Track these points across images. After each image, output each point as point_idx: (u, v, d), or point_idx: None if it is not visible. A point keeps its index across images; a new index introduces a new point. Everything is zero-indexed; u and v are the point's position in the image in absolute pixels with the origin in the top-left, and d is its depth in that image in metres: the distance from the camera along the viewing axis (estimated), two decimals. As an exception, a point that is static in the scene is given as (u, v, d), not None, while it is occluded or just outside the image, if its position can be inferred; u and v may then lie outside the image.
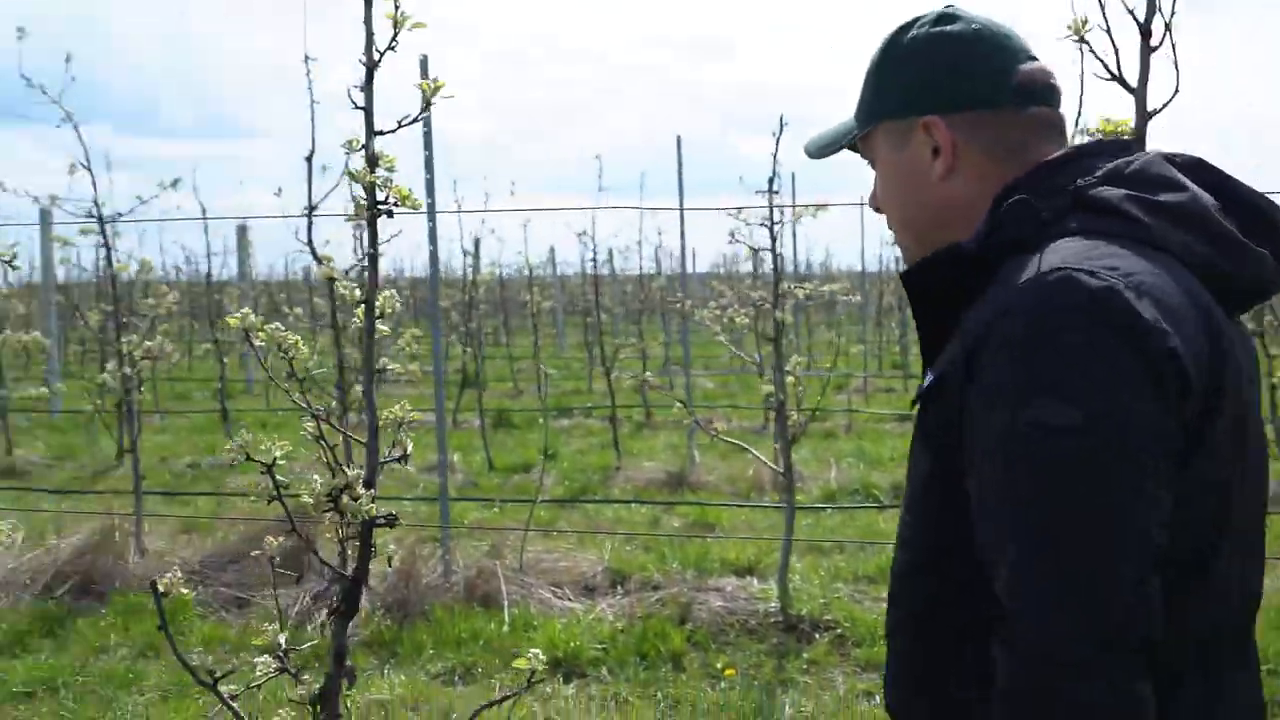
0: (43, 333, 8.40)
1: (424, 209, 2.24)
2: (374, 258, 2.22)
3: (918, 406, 1.44)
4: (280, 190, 6.99)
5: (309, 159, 5.98)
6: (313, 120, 5.94)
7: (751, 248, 6.13)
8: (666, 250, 19.26)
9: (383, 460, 2.28)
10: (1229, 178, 1.43)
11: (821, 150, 1.70)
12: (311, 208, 6.06)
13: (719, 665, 5.21)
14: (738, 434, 9.92)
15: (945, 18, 1.53)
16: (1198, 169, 1.43)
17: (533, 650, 2.38)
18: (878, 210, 1.64)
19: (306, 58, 5.29)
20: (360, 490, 2.15)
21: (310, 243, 6.16)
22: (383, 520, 2.25)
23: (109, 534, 6.61)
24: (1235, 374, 1.32)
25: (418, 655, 5.37)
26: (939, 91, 1.50)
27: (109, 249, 6.67)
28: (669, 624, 5.57)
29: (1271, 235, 1.39)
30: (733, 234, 6.01)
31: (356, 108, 2.12)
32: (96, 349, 15.37)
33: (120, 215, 6.37)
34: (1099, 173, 1.41)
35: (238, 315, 2.45)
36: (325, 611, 5.67)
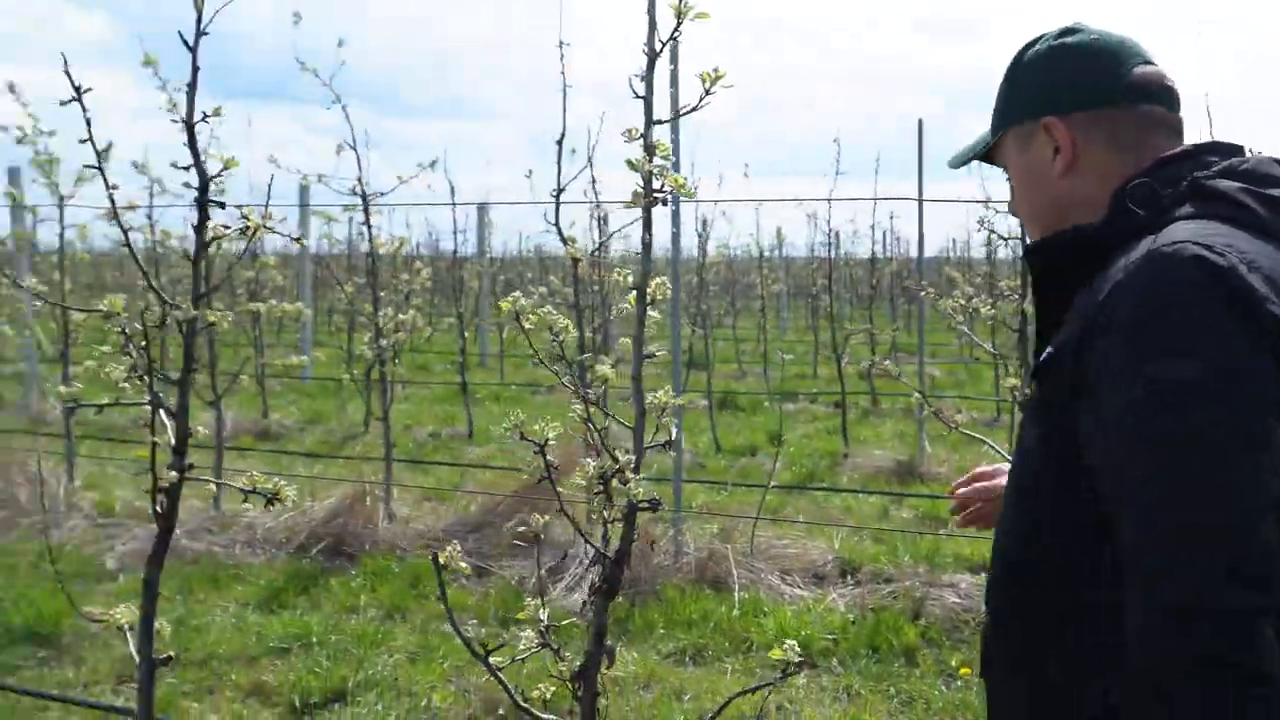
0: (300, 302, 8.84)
1: (694, 196, 2.24)
2: (648, 245, 2.24)
3: (1034, 382, 1.50)
4: (531, 172, 7.12)
5: (560, 142, 6.10)
6: (564, 105, 6.05)
7: (1001, 236, 5.94)
8: (896, 234, 18.93)
9: (647, 445, 2.30)
10: None
11: (960, 160, 1.82)
12: (560, 190, 6.18)
13: (953, 663, 5.09)
14: (968, 426, 9.67)
15: (1067, 31, 1.65)
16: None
17: (788, 642, 2.35)
18: (1014, 214, 1.74)
19: (561, 43, 5.38)
20: (630, 475, 2.17)
21: (558, 225, 6.29)
22: (646, 505, 2.27)
23: (359, 498, 6.93)
24: None
25: (649, 634, 5.43)
26: (1058, 95, 1.61)
27: (369, 225, 6.98)
28: (901, 618, 5.47)
29: None
30: (982, 221, 5.85)
31: (637, 97, 2.14)
32: (344, 319, 16.15)
33: (382, 194, 6.64)
34: (1215, 168, 1.49)
35: (509, 299, 2.51)
36: (561, 586, 5.82)
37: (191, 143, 2.89)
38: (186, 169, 2.96)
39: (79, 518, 7.21)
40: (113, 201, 2.99)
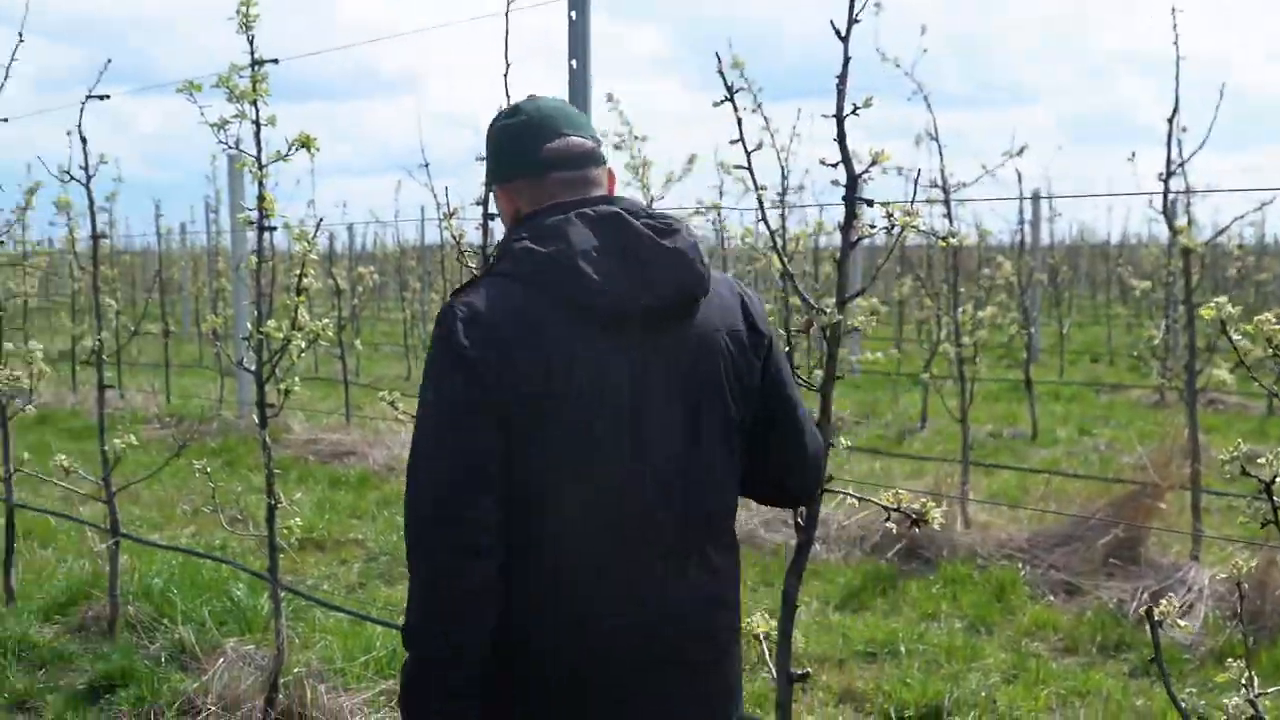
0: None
1: None
2: None
3: None
4: (1134, 155, 6.53)
5: (1171, 119, 5.55)
6: (1176, 79, 5.51)
7: None
8: None
9: None
10: (627, 228, 1.98)
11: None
12: (1169, 174, 5.62)
13: None
14: None
15: (511, 112, 2.18)
16: (607, 222, 1.99)
17: None
18: None
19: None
20: None
21: (1165, 211, 5.75)
22: None
23: (933, 499, 6.69)
24: (551, 357, 1.93)
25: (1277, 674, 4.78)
26: (498, 170, 2.17)
27: (949, 219, 6.74)
28: None
29: (642, 271, 1.96)
30: None
31: None
32: (890, 312, 16.05)
33: (964, 184, 6.39)
34: (524, 227, 2.04)
35: (1211, 305, 2.18)
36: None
37: (840, 138, 2.78)
38: (834, 165, 2.85)
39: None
40: (760, 202, 2.94)
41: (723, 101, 2.82)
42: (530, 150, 2.10)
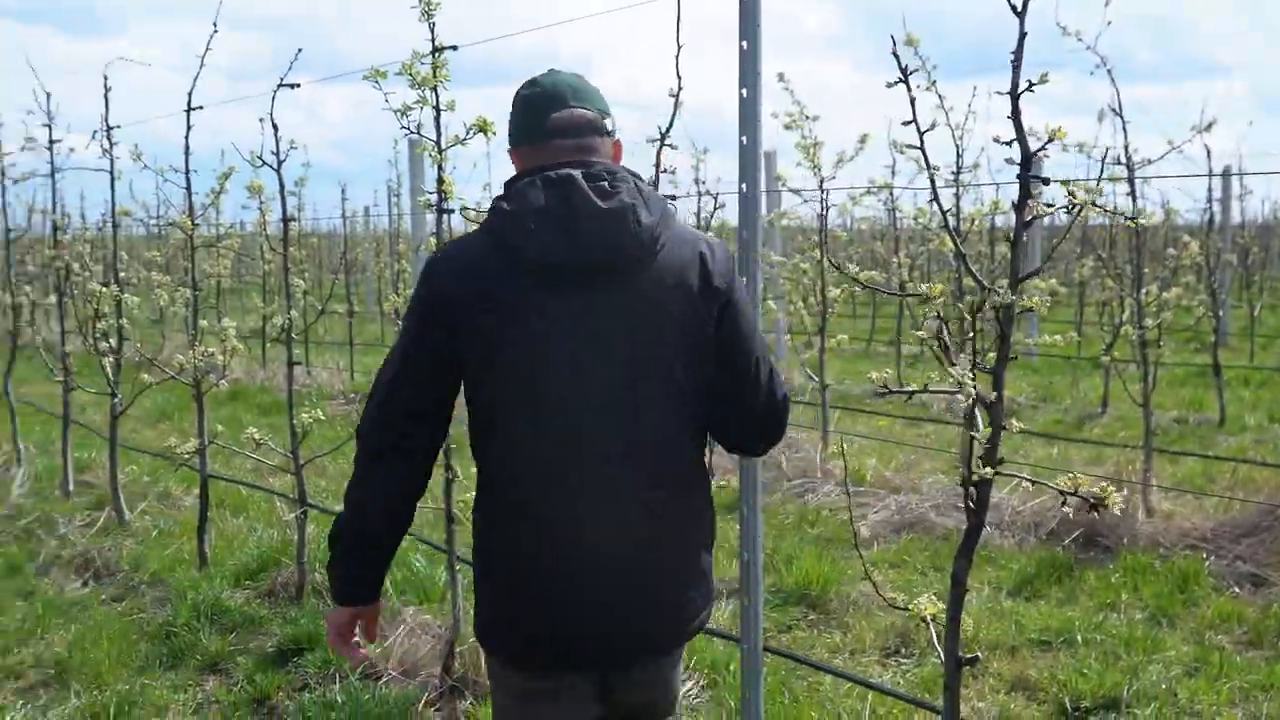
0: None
1: None
2: None
3: None
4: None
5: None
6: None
7: None
8: None
9: None
10: (573, 187, 2.23)
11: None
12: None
13: None
14: None
15: (529, 84, 2.43)
16: (560, 184, 2.24)
17: None
18: None
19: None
20: None
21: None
22: None
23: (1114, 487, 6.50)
24: (497, 303, 2.24)
25: None
26: (513, 134, 2.43)
27: (1134, 197, 6.49)
28: None
29: (571, 228, 2.21)
30: None
31: None
32: (1071, 294, 15.56)
33: (1149, 160, 6.13)
34: (507, 188, 2.34)
35: None
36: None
37: (1015, 115, 2.72)
38: (1009, 144, 2.80)
39: (832, 484, 7.50)
40: (933, 182, 2.91)
41: (896, 83, 2.80)
42: (538, 119, 2.36)
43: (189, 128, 6.11)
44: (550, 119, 2.34)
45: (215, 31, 5.82)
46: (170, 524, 7.02)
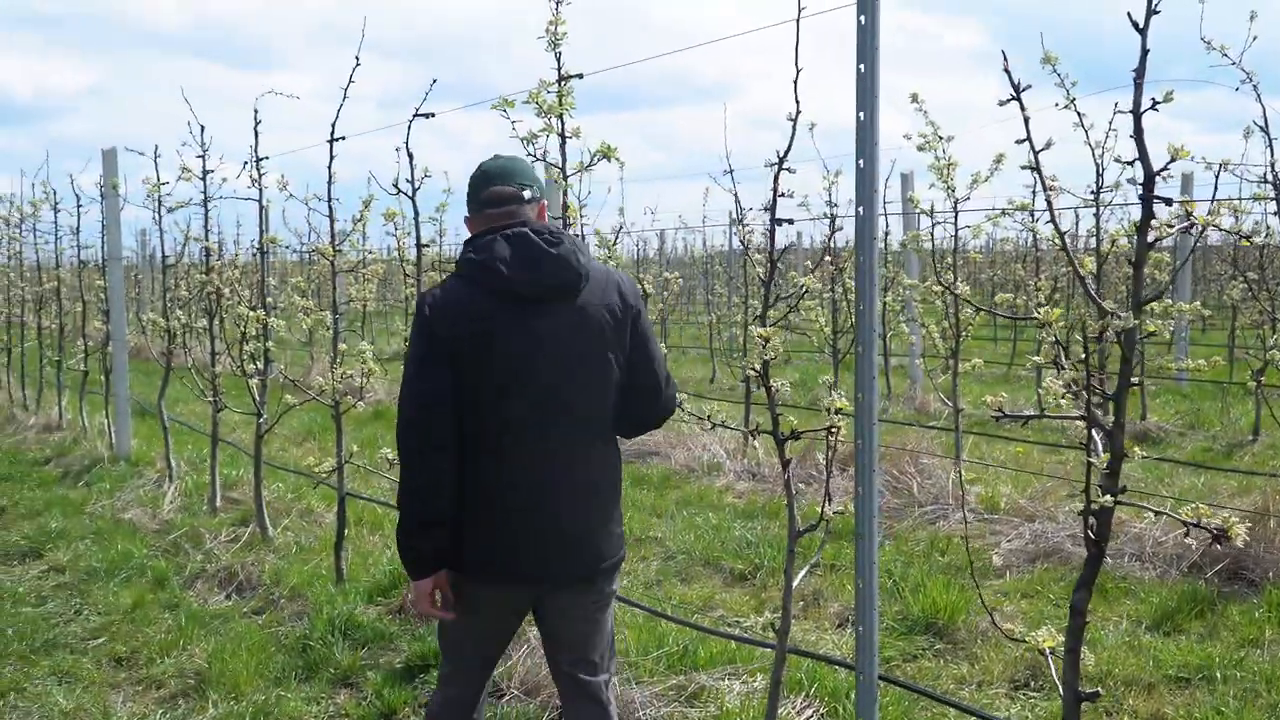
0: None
1: None
2: None
3: None
4: None
5: None
6: None
7: None
8: None
9: None
10: (529, 241, 3.08)
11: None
12: None
13: None
14: None
15: (479, 167, 3.29)
16: (517, 239, 3.09)
17: None
18: None
19: None
20: None
21: None
22: None
23: (1261, 518, 6.25)
24: (487, 320, 3.05)
25: None
26: (467, 201, 3.27)
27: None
28: None
29: (536, 269, 3.05)
30: None
31: None
32: (1224, 316, 14.99)
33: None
34: (470, 244, 3.17)
35: None
36: None
37: (1138, 134, 2.67)
38: (1130, 163, 2.74)
39: (964, 511, 7.36)
40: (1049, 204, 2.86)
41: (1008, 101, 2.76)
42: (476, 195, 3.22)
43: (331, 157, 6.32)
44: (483, 194, 3.20)
45: (357, 64, 6.01)
46: (311, 540, 7.24)
